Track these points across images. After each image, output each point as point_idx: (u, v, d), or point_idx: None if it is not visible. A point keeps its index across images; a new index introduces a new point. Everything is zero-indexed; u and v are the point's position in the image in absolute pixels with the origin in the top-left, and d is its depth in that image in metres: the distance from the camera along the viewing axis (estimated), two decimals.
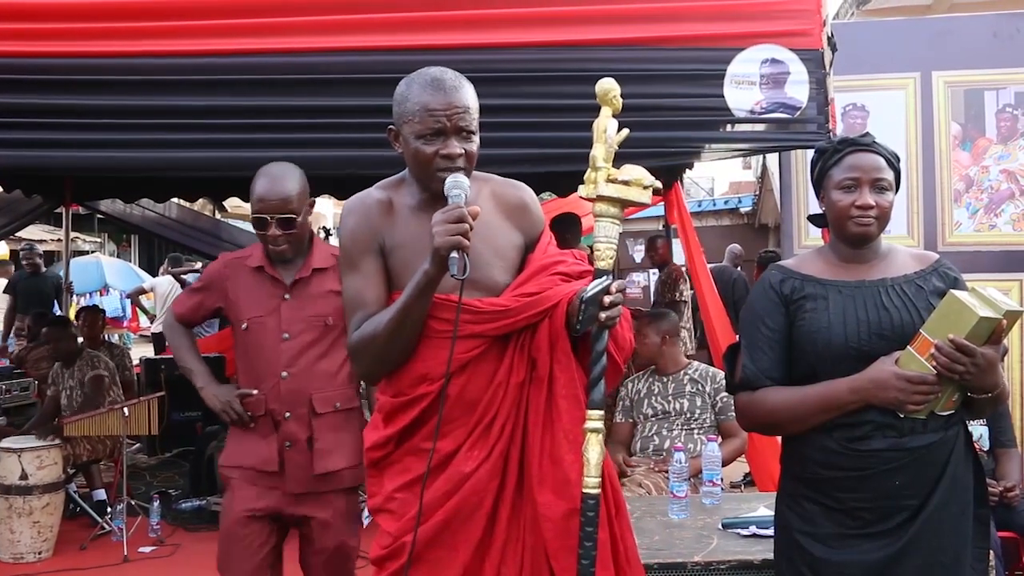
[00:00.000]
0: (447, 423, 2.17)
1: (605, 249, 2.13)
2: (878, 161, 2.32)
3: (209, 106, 3.97)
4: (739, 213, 15.46)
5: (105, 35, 3.96)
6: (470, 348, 2.16)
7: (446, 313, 2.14)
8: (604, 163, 2.12)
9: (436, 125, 2.14)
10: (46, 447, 5.53)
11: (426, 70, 2.22)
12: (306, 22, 3.98)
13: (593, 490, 2.07)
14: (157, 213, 8.77)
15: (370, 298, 2.22)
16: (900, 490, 2.21)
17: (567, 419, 2.16)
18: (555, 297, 2.17)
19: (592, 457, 2.07)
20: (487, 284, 2.21)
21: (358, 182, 8.17)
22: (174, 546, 5.68)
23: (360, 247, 2.25)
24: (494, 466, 2.17)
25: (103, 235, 18.75)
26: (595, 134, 2.14)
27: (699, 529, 3.25)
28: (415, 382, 2.19)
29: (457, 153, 2.15)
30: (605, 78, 2.17)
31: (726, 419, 4.39)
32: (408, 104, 2.18)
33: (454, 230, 2.02)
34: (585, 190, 2.14)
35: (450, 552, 2.17)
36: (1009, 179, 4.59)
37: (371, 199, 2.31)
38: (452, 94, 2.16)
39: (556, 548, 2.12)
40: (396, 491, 2.22)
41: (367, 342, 2.18)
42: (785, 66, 3.85)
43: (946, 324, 2.13)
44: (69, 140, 4.01)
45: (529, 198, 2.39)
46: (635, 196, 2.13)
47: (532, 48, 3.90)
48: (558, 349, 2.17)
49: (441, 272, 2.07)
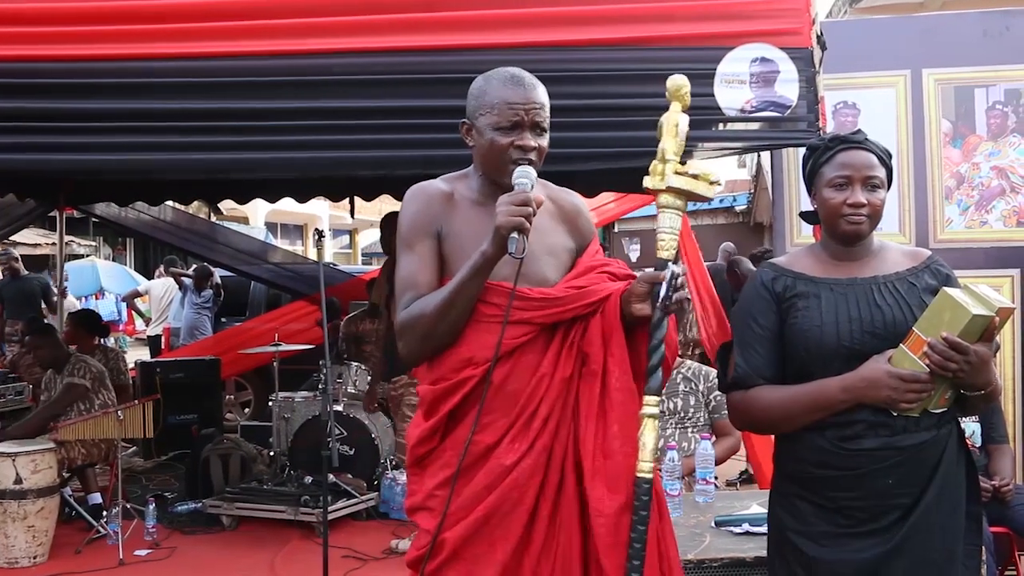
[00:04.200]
0: (488, 413, 2.18)
1: (669, 240, 2.19)
2: (870, 159, 2.32)
3: (202, 109, 3.98)
4: (734, 211, 15.49)
5: (98, 39, 3.97)
6: (517, 335, 2.20)
7: (496, 298, 2.19)
8: (673, 156, 2.18)
9: (515, 118, 2.23)
10: (40, 451, 5.52)
11: (504, 68, 2.32)
12: (299, 25, 3.99)
13: (647, 474, 2.10)
14: (152, 216, 8.77)
15: (423, 280, 2.26)
16: (893, 489, 2.21)
17: (621, 412, 2.19)
18: (605, 291, 2.24)
19: (648, 442, 2.11)
20: (537, 278, 2.26)
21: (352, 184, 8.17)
22: (170, 549, 5.67)
23: (418, 230, 2.30)
24: (536, 461, 2.18)
25: (98, 239, 18.74)
26: (665, 127, 2.20)
27: (692, 527, 3.25)
28: (459, 366, 2.21)
29: (531, 146, 2.24)
30: (676, 75, 2.24)
31: (720, 417, 4.39)
32: (487, 97, 2.27)
33: (518, 211, 2.10)
34: (651, 181, 2.20)
35: (489, 549, 2.17)
36: (1000, 176, 4.60)
37: (434, 188, 2.36)
38: (531, 91, 2.26)
39: (608, 544, 2.13)
40: (437, 488, 2.23)
41: (415, 319, 2.22)
42: (775, 65, 3.86)
43: (939, 321, 2.13)
44: (63, 144, 4.01)
45: (583, 206, 2.49)
46: (702, 190, 2.20)
47: (521, 49, 3.91)
48: (613, 342, 2.21)
49: (499, 253, 2.12)
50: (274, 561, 5.39)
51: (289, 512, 5.86)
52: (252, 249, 9.71)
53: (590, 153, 3.98)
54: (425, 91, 3.95)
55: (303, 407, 6.90)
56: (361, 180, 6.82)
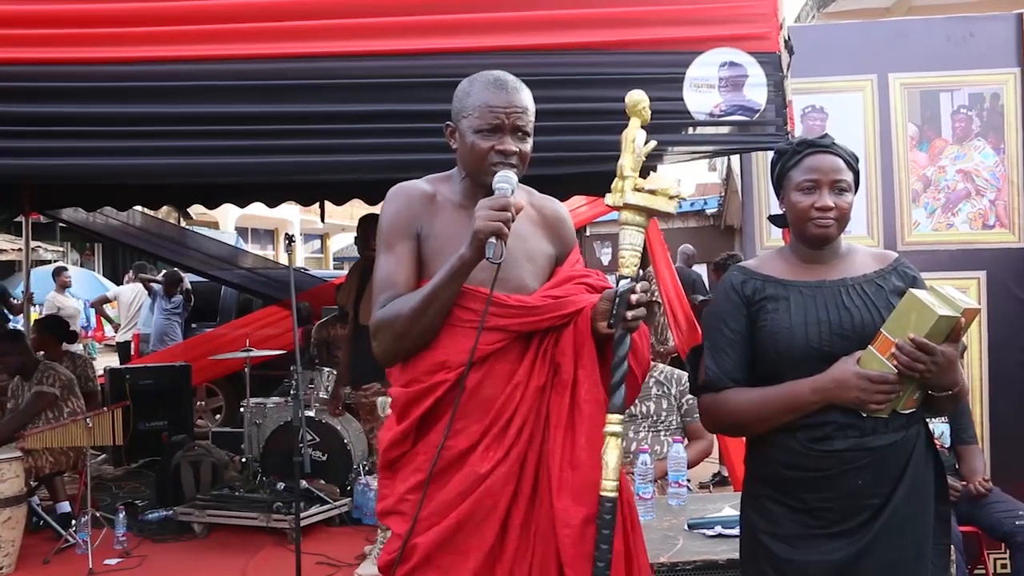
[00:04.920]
0: (462, 419, 2.18)
1: (630, 256, 2.17)
2: (837, 162, 2.34)
3: (172, 113, 3.94)
4: (705, 215, 15.53)
5: (66, 42, 3.92)
6: (491, 342, 2.19)
7: (473, 303, 2.19)
8: (631, 172, 2.16)
9: (495, 121, 2.22)
10: (7, 460, 5.44)
11: (488, 71, 2.30)
12: (269, 29, 3.97)
13: (611, 493, 2.08)
14: (121, 221, 8.69)
15: (400, 279, 2.25)
16: (863, 489, 2.23)
17: (590, 424, 2.18)
18: (580, 303, 2.23)
19: (610, 460, 2.09)
20: (516, 284, 2.25)
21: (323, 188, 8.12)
22: (141, 557, 5.61)
23: (398, 230, 2.29)
24: (510, 470, 2.17)
25: (66, 244, 18.53)
26: (624, 143, 2.18)
27: (665, 530, 3.26)
28: (433, 369, 2.20)
29: (512, 150, 2.23)
30: (635, 90, 2.22)
31: (692, 421, 4.41)
32: (469, 100, 2.26)
33: (496, 216, 2.09)
34: (611, 198, 2.18)
35: (461, 558, 2.16)
36: (965, 179, 4.65)
37: (416, 188, 2.35)
38: (513, 94, 2.25)
39: (573, 556, 2.12)
40: (408, 492, 2.22)
41: (391, 319, 2.21)
42: (743, 69, 3.88)
43: (906, 323, 2.15)
44: (28, 148, 3.96)
45: (565, 214, 2.48)
46: (661, 205, 2.18)
47: (495, 53, 3.89)
48: (583, 354, 2.21)
49: (477, 257, 2.11)
50: (246, 568, 5.36)
51: (261, 519, 5.82)
52: (222, 254, 9.65)
53: (561, 157, 3.98)
54: (398, 95, 3.94)
55: (275, 413, 6.87)
56: (331, 184, 6.79)
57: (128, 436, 6.41)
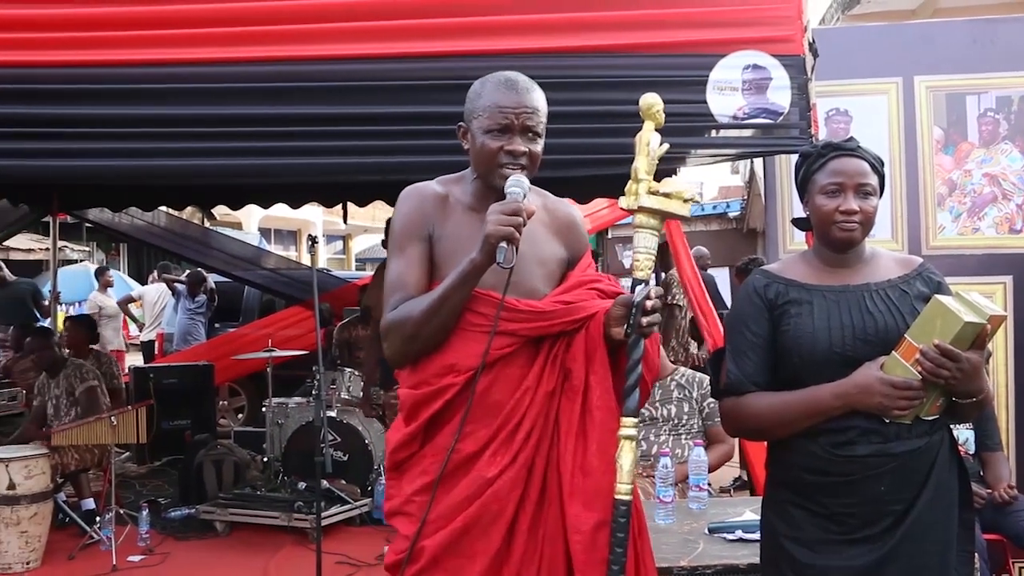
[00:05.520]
0: (470, 423, 2.17)
1: (644, 260, 2.17)
2: (862, 166, 2.32)
3: (196, 115, 3.98)
4: (727, 218, 15.47)
5: (92, 45, 3.97)
6: (502, 346, 2.19)
7: (484, 307, 2.18)
8: (646, 175, 2.15)
9: (504, 121, 2.21)
10: (34, 456, 5.51)
11: (501, 72, 2.29)
12: (294, 31, 4.00)
13: (625, 496, 2.08)
14: (146, 221, 8.77)
15: (411, 281, 2.25)
16: (885, 495, 2.21)
17: (601, 430, 2.17)
18: (591, 308, 2.21)
19: (625, 464, 2.08)
20: (527, 288, 2.24)
21: (346, 189, 8.16)
22: (163, 555, 5.66)
23: (410, 232, 2.29)
24: (517, 474, 2.17)
25: (91, 244, 18.69)
26: (638, 146, 2.17)
27: (685, 534, 3.25)
28: (441, 372, 2.20)
29: (521, 151, 2.21)
30: (649, 93, 2.21)
31: (713, 424, 4.40)
32: (480, 100, 2.25)
33: (508, 221, 2.07)
34: (626, 201, 2.17)
35: (467, 561, 2.16)
36: (991, 183, 4.61)
37: (428, 190, 2.34)
38: (524, 95, 2.23)
39: (583, 561, 2.12)
40: (415, 493, 2.22)
41: (401, 321, 2.21)
42: (767, 72, 3.88)
43: (931, 329, 2.13)
44: (56, 150, 4.01)
45: (578, 217, 2.47)
46: (675, 208, 2.17)
47: (517, 55, 3.91)
48: (595, 360, 2.20)
49: (488, 261, 2.10)
50: (267, 567, 5.38)
51: (282, 518, 5.85)
52: (246, 254, 9.72)
53: (584, 159, 3.99)
54: (423, 98, 3.95)
55: (296, 413, 6.90)
56: (355, 186, 6.83)
57: (151, 434, 6.44)
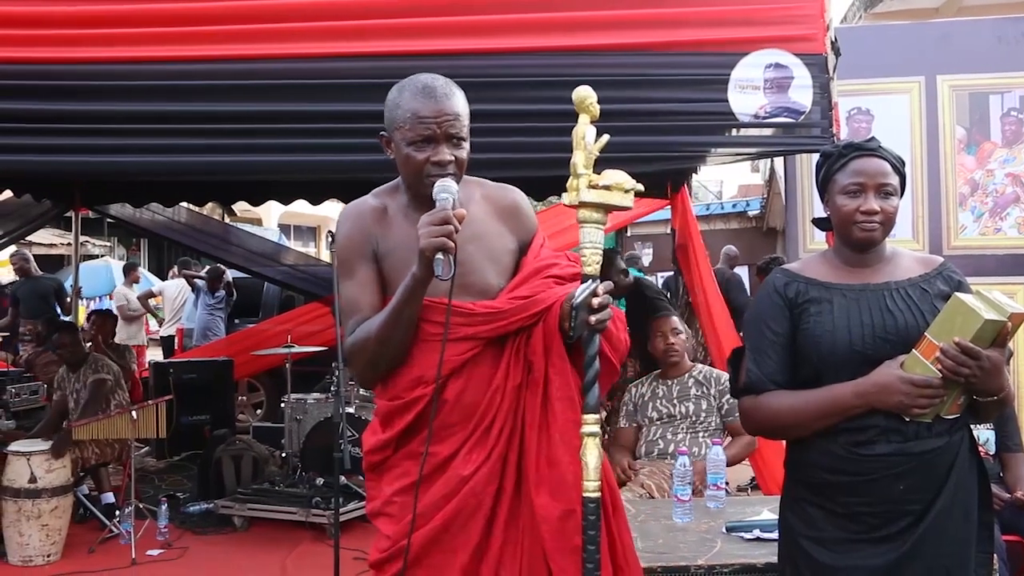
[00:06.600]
0: (446, 427, 2.18)
1: (591, 255, 2.12)
2: (883, 166, 2.32)
3: (218, 111, 4.00)
4: (747, 216, 15.43)
5: (117, 42, 4.00)
6: (464, 351, 2.18)
7: (438, 316, 2.15)
8: (584, 170, 2.11)
9: (426, 132, 2.16)
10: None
11: (417, 77, 2.22)
12: (312, 28, 4.01)
13: (593, 494, 2.07)
14: (166, 217, 8.81)
15: (364, 303, 2.23)
16: (904, 495, 2.21)
17: (562, 421, 2.17)
18: (548, 300, 2.19)
19: (590, 461, 2.07)
20: (481, 287, 2.23)
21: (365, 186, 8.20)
22: (182, 549, 5.70)
23: (354, 253, 2.27)
24: (492, 469, 2.18)
25: (112, 239, 18.83)
26: (574, 141, 2.13)
27: (703, 532, 3.25)
28: (410, 385, 2.20)
29: (447, 160, 2.17)
30: (581, 86, 2.15)
31: (733, 420, 4.38)
32: (399, 111, 2.19)
33: (438, 232, 2.02)
34: (568, 197, 2.14)
35: (449, 556, 2.18)
36: (1014, 183, 4.58)
37: (365, 206, 2.33)
38: (443, 101, 2.17)
39: (553, 549, 2.13)
40: (395, 495, 2.23)
41: (360, 346, 2.19)
42: (789, 71, 3.86)
43: (951, 327, 2.12)
44: (78, 145, 4.04)
45: (521, 200, 2.40)
46: (617, 200, 2.13)
47: (535, 53, 3.92)
48: (553, 352, 2.19)
49: (429, 274, 2.07)
50: (285, 562, 5.42)
51: (301, 513, 5.89)
52: (265, 250, 9.74)
53: (604, 157, 3.98)
54: None
55: (315, 409, 6.92)
56: (374, 182, 6.82)
57: (171, 429, 6.49)
